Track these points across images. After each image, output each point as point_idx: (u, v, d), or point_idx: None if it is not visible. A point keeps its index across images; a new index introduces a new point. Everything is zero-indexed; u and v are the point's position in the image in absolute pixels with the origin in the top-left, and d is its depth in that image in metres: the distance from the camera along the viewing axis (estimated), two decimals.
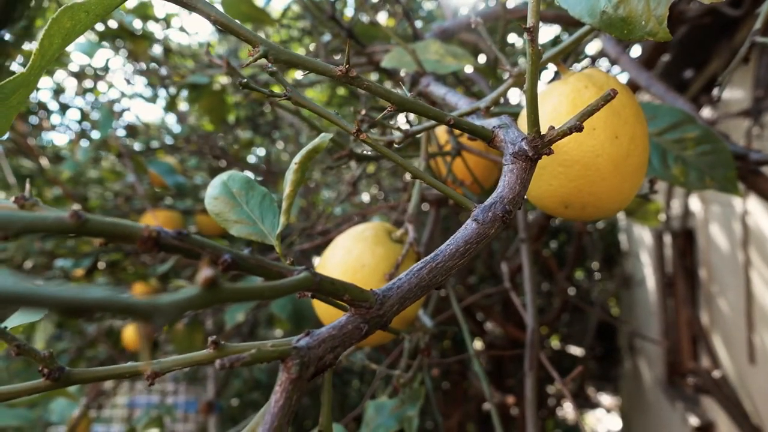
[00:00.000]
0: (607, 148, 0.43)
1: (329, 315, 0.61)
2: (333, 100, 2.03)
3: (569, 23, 1.20)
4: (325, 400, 0.28)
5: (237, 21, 0.32)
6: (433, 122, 0.51)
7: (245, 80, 0.36)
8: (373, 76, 1.43)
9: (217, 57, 0.54)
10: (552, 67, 1.08)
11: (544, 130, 0.36)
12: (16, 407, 0.84)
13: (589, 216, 0.47)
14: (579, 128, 0.31)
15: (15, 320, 0.39)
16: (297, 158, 0.42)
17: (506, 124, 0.37)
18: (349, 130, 0.35)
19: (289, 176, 0.42)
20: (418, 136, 0.58)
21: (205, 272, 0.16)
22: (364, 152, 0.66)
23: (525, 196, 0.36)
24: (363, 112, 0.50)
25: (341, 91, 2.06)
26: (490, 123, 0.39)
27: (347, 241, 0.60)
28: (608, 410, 4.92)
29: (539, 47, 0.30)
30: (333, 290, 0.27)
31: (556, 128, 0.32)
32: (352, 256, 0.58)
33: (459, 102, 0.53)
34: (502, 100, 0.57)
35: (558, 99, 0.44)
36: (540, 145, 0.32)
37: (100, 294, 0.12)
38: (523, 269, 0.86)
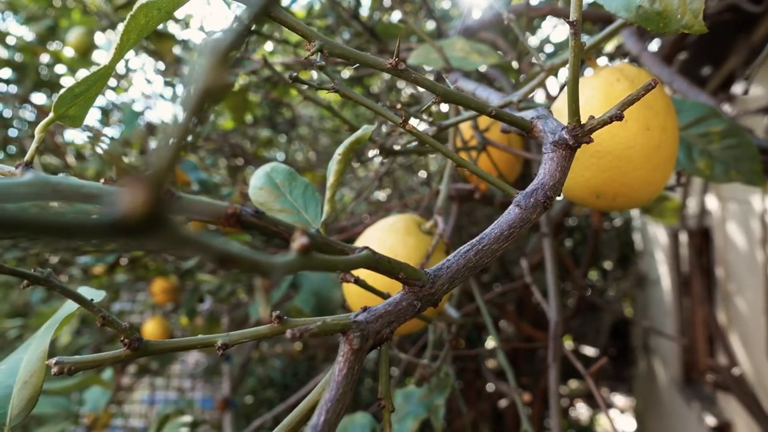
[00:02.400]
0: (639, 140, 0.44)
1: (361, 304, 0.63)
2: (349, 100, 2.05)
3: (587, 19, 1.21)
4: (383, 370, 0.30)
5: (291, 17, 0.34)
6: (466, 115, 0.52)
7: (295, 75, 0.38)
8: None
9: (256, 57, 0.56)
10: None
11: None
12: (52, 395, 0.87)
13: (620, 206, 0.48)
14: (620, 117, 0.32)
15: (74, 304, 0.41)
16: (340, 149, 0.44)
17: (544, 115, 0.38)
18: (396, 120, 0.36)
19: (333, 167, 0.44)
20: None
21: (300, 240, 0.18)
22: (394, 147, 0.68)
23: None
24: (399, 106, 0.52)
25: (357, 90, 2.08)
26: (527, 114, 0.40)
27: (379, 233, 0.62)
28: (622, 411, 4.90)
29: (582, 42, 0.32)
30: (389, 268, 0.29)
31: (596, 118, 0.34)
32: (385, 246, 0.60)
33: (490, 96, 0.55)
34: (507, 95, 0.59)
35: (591, 92, 0.46)
36: (580, 134, 0.34)
37: (240, 250, 0.14)
38: (546, 263, 0.88)
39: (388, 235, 0.61)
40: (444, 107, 1.02)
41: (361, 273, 0.48)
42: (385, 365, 0.30)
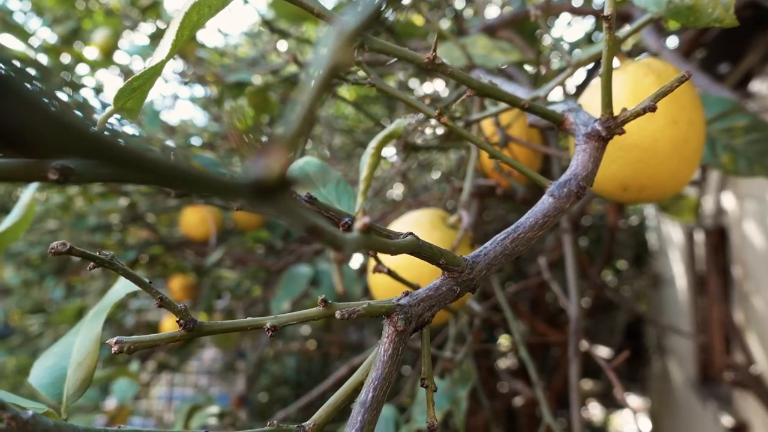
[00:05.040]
0: (666, 133, 0.45)
1: (386, 296, 0.64)
2: (368, 97, 2.07)
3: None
4: (425, 352, 0.31)
5: (335, 14, 0.35)
6: (494, 109, 0.53)
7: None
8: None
9: (286, 54, 0.58)
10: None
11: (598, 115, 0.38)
12: None
13: (647, 199, 0.49)
14: (653, 108, 0.33)
15: (122, 289, 0.43)
16: (373, 143, 0.45)
17: (575, 108, 0.39)
18: (431, 113, 0.37)
19: (366, 159, 0.45)
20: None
21: (363, 220, 0.20)
22: (417, 143, 0.69)
23: None
24: (428, 102, 0.53)
25: (373, 91, 2.10)
26: (557, 108, 0.41)
27: (404, 227, 0.63)
28: (636, 411, 4.86)
29: (616, 36, 0.33)
30: (431, 254, 0.30)
31: (629, 109, 0.34)
32: None
33: (516, 92, 0.55)
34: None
35: (618, 87, 0.47)
36: (613, 125, 0.35)
37: (324, 224, 0.15)
38: (566, 259, 0.88)
39: (413, 230, 0.62)
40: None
41: (388, 265, 0.49)
42: (427, 347, 0.31)
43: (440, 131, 0.83)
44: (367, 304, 0.28)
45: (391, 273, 0.44)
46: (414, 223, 0.64)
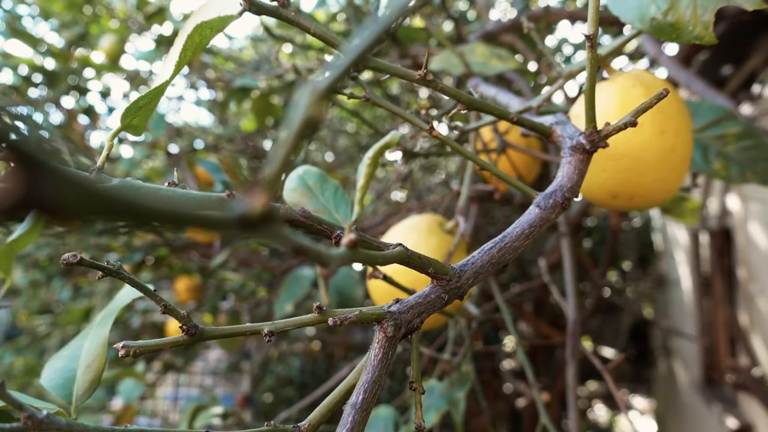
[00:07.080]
0: (654, 143, 0.46)
1: (385, 300, 0.66)
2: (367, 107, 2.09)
3: (604, 22, 1.22)
4: (414, 357, 0.32)
5: (331, 32, 0.37)
6: (487, 119, 0.55)
7: None
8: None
9: (286, 63, 0.60)
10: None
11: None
12: None
13: (636, 206, 0.50)
14: (633, 124, 0.34)
15: (129, 295, 0.44)
16: (369, 153, 0.47)
17: (563, 121, 0.41)
18: (423, 126, 0.39)
19: (362, 169, 0.47)
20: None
21: (350, 236, 0.21)
22: (416, 150, 0.70)
23: None
24: (424, 112, 0.55)
25: (376, 91, 2.12)
26: (546, 120, 0.43)
27: (403, 232, 0.65)
28: (642, 413, 4.85)
29: (597, 51, 0.34)
30: (420, 263, 0.32)
31: (611, 124, 0.36)
32: (408, 245, 0.63)
33: (510, 102, 0.57)
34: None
35: (607, 98, 0.48)
36: (597, 138, 0.36)
37: (309, 243, 0.17)
38: (564, 262, 0.90)
39: (411, 235, 0.64)
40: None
41: (386, 271, 0.51)
42: (416, 352, 0.32)
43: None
44: (359, 311, 0.30)
45: (386, 279, 0.45)
46: (411, 228, 0.66)
